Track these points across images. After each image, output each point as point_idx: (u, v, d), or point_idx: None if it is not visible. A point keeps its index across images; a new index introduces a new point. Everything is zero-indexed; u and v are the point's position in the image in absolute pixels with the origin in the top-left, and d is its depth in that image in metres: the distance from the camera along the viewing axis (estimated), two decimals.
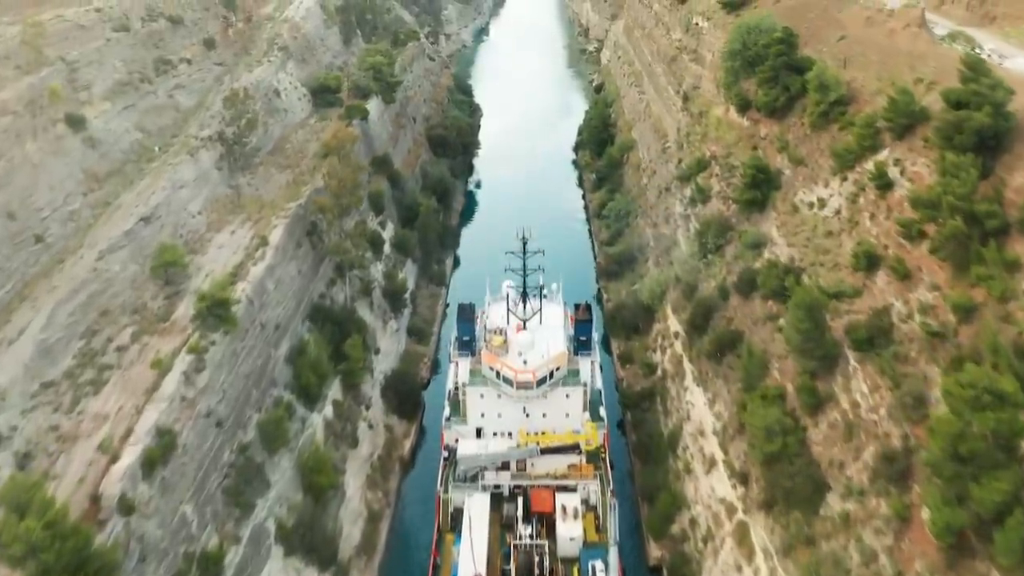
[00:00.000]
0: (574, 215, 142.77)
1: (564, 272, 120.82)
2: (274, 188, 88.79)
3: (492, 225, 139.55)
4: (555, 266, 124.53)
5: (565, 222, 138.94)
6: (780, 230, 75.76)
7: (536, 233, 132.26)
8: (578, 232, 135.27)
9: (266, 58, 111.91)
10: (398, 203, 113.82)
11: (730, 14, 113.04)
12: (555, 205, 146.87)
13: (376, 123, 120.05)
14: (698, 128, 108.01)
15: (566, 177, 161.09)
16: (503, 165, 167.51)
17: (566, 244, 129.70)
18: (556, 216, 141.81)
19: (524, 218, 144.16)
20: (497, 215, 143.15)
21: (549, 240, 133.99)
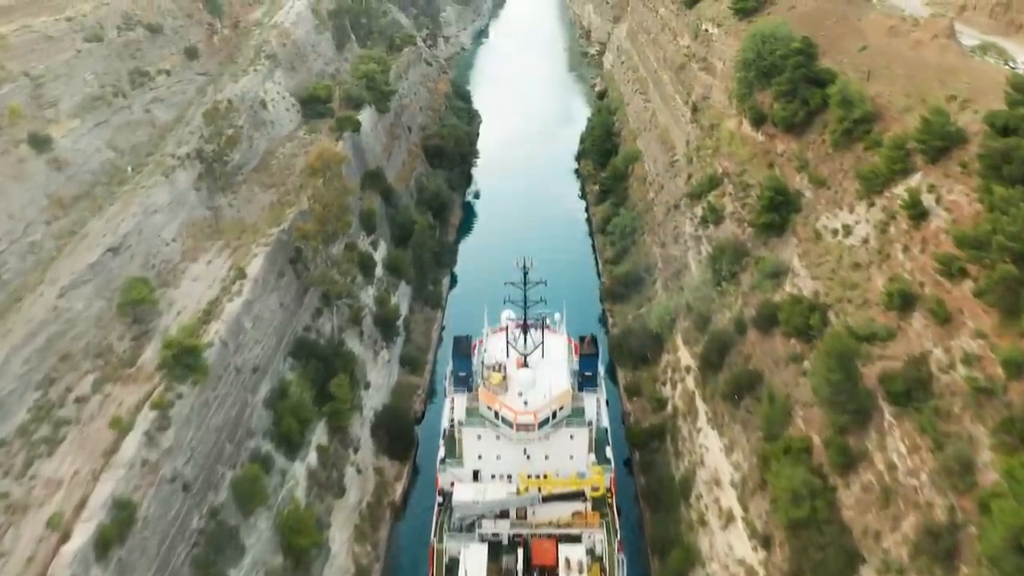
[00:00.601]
0: (576, 229, 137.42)
1: (566, 291, 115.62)
2: (257, 209, 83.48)
3: (491, 239, 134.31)
4: (557, 285, 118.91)
5: (567, 237, 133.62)
6: (802, 259, 70.38)
7: (537, 250, 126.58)
8: (581, 248, 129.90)
9: (252, 67, 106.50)
10: (391, 220, 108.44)
11: (742, 20, 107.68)
12: (556, 218, 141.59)
13: (369, 135, 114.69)
14: (709, 142, 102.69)
15: (568, 188, 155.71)
16: (502, 174, 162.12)
17: (568, 260, 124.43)
18: (557, 230, 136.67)
19: (524, 231, 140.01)
20: (496, 229, 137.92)
21: (550, 256, 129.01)
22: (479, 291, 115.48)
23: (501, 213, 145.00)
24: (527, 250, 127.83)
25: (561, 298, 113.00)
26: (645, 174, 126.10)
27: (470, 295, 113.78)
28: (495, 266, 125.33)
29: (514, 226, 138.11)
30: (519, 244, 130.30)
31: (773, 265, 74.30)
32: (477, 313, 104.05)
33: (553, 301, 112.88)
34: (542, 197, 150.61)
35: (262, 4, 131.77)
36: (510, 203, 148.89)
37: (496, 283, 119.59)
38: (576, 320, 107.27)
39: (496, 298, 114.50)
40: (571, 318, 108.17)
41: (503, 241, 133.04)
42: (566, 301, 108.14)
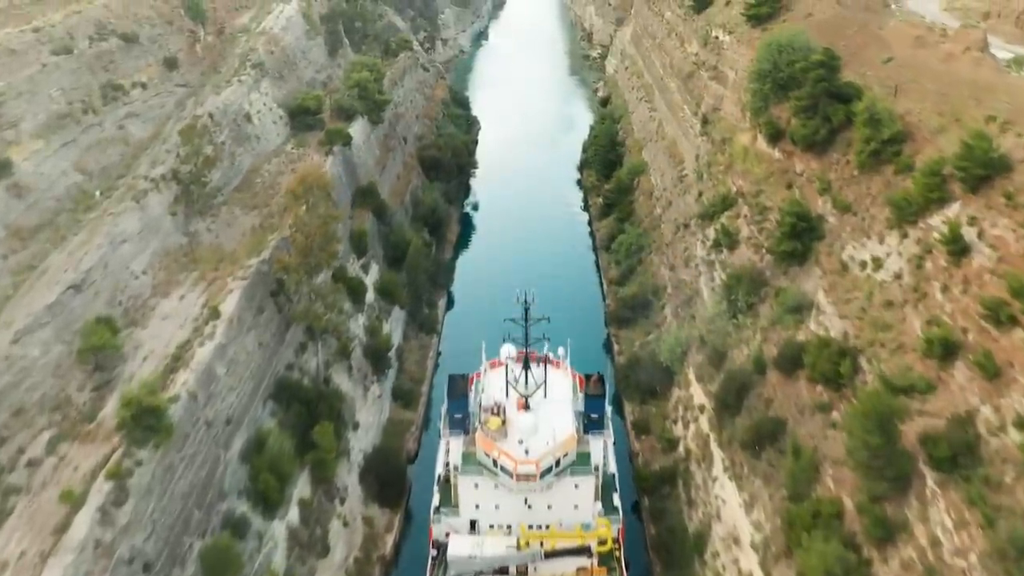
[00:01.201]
0: (579, 244, 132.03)
1: (569, 313, 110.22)
2: (237, 234, 78.17)
3: (490, 254, 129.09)
4: (559, 305, 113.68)
5: (569, 253, 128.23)
6: (828, 295, 65.00)
7: (537, 267, 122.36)
8: (583, 265, 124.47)
9: (236, 77, 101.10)
10: (384, 239, 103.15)
11: (755, 28, 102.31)
12: (558, 232, 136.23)
13: (361, 148, 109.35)
14: (720, 157, 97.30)
15: (570, 199, 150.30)
16: (502, 184, 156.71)
17: (570, 279, 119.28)
18: (559, 245, 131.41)
19: (524, 246, 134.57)
20: (495, 243, 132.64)
21: (552, 273, 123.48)
22: (477, 313, 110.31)
23: (500, 226, 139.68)
24: (527, 267, 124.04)
25: (563, 320, 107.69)
26: (652, 188, 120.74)
27: (468, 318, 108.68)
28: (494, 285, 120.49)
29: (514, 240, 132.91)
30: (519, 260, 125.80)
31: (795, 298, 68.96)
32: (475, 338, 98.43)
33: (555, 323, 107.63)
34: (543, 209, 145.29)
35: (250, 8, 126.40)
36: (510, 215, 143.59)
37: (495, 303, 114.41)
38: (580, 345, 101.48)
39: (494, 321, 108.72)
40: (575, 343, 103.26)
41: (502, 256, 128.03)
42: (569, 329, 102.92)
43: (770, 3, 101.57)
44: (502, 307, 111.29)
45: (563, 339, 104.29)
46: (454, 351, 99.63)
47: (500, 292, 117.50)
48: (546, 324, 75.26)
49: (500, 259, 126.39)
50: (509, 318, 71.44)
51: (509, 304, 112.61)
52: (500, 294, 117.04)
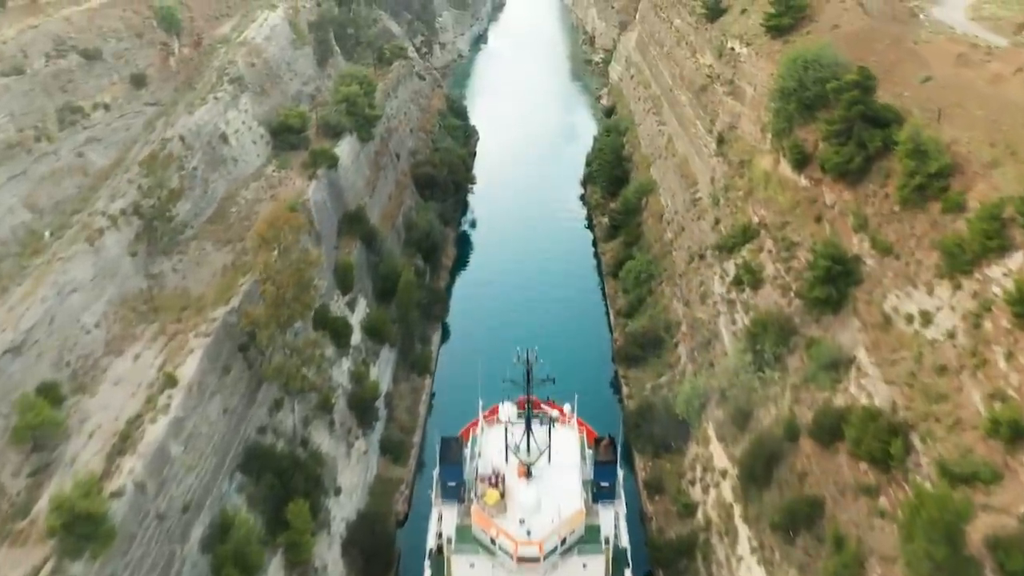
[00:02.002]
0: (583, 266, 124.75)
1: (573, 346, 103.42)
2: (207, 274, 71.05)
3: (488, 277, 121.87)
4: (562, 338, 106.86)
5: (572, 276, 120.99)
6: (871, 353, 57.87)
7: (539, 293, 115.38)
8: (588, 290, 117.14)
9: (213, 94, 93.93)
10: (374, 269, 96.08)
11: (776, 39, 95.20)
12: (560, 253, 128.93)
13: (349, 169, 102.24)
14: (739, 181, 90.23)
15: (573, 217, 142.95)
16: (501, 200, 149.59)
17: (574, 307, 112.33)
18: (561, 268, 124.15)
19: (524, 268, 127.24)
20: (494, 266, 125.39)
21: (554, 299, 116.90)
22: (474, 345, 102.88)
23: (499, 246, 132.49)
24: (527, 293, 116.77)
25: (566, 353, 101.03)
26: (661, 210, 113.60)
27: (464, 352, 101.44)
28: (492, 313, 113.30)
29: (514, 262, 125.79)
30: (518, 286, 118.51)
31: (830, 353, 61.76)
32: (471, 375, 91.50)
33: (558, 357, 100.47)
34: (544, 228, 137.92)
35: (231, 16, 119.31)
36: (509, 234, 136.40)
37: (493, 334, 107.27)
38: (586, 384, 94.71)
39: (492, 354, 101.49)
40: (580, 378, 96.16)
41: (501, 280, 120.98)
42: (574, 366, 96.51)
43: (792, 13, 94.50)
44: (500, 338, 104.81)
45: (567, 375, 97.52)
46: (449, 392, 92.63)
47: (499, 322, 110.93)
48: (550, 356, 68.66)
49: (499, 284, 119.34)
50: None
51: (508, 334, 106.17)
52: (499, 324, 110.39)
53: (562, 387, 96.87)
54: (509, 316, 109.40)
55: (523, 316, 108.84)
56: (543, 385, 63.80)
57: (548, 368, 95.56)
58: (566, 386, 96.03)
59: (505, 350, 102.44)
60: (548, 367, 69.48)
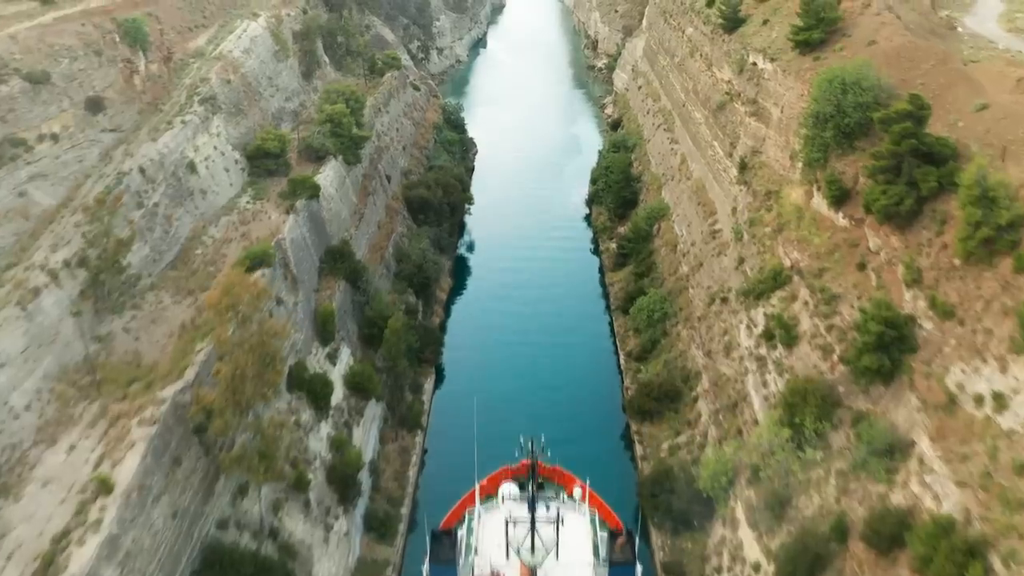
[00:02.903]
0: (589, 297, 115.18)
1: (579, 392, 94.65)
2: (163, 333, 61.86)
3: (487, 310, 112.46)
4: (567, 382, 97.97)
5: (577, 306, 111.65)
6: (935, 443, 48.63)
7: (541, 326, 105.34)
8: (596, 326, 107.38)
9: (180, 117, 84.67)
10: (359, 311, 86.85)
11: (805, 55, 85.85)
12: (565, 281, 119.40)
13: (333, 198, 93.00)
14: (766, 215, 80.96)
15: (578, 241, 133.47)
16: (501, 220, 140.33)
17: (580, 345, 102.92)
18: (565, 296, 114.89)
19: (524, 295, 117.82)
20: (493, 295, 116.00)
21: (558, 331, 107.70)
22: (471, 388, 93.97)
23: (499, 273, 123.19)
24: (528, 326, 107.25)
25: (572, 401, 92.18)
26: (675, 239, 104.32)
27: (460, 398, 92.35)
28: (491, 350, 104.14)
29: (514, 290, 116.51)
30: (519, 318, 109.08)
31: (884, 436, 52.45)
32: (468, 426, 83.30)
33: (564, 406, 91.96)
34: (547, 252, 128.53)
35: (207, 27, 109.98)
36: (510, 259, 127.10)
37: (491, 374, 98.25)
38: (594, 435, 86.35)
39: (490, 400, 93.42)
40: (589, 437, 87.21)
41: (501, 309, 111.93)
42: (581, 414, 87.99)
43: (823, 26, 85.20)
44: (499, 382, 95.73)
45: (574, 426, 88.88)
46: (444, 448, 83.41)
47: (498, 362, 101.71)
48: (554, 402, 59.81)
49: (498, 317, 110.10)
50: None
51: (507, 378, 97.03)
52: (498, 365, 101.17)
53: (569, 439, 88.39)
54: (509, 355, 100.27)
55: (524, 356, 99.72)
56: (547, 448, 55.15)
57: (553, 424, 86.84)
58: (573, 438, 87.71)
59: (504, 398, 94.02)
60: (555, 432, 60.54)
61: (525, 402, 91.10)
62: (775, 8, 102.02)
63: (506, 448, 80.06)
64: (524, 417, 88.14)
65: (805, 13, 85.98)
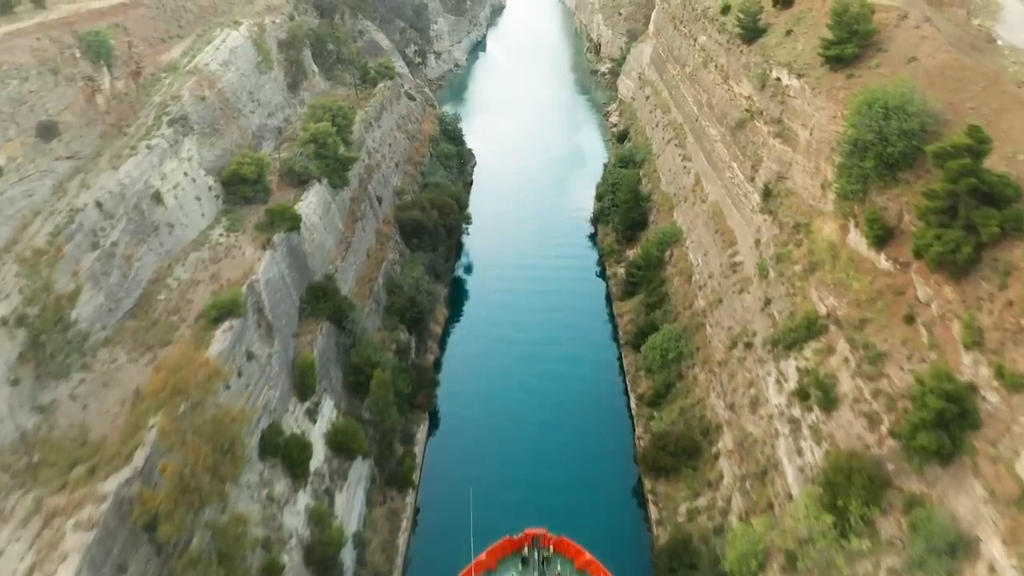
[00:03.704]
0: (596, 328, 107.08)
1: (586, 438, 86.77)
2: (115, 401, 54.36)
3: (485, 340, 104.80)
4: (571, 424, 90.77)
5: (584, 341, 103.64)
6: (1009, 546, 41.28)
7: (544, 377, 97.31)
8: (603, 361, 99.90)
9: (146, 140, 77.14)
10: (345, 353, 79.36)
11: (836, 71, 78.25)
12: (569, 309, 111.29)
13: (316, 227, 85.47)
14: (795, 251, 73.44)
15: (583, 262, 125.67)
16: (501, 239, 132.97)
17: (587, 385, 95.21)
18: (570, 326, 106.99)
19: (525, 322, 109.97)
20: (492, 327, 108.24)
21: (562, 374, 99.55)
22: (467, 433, 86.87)
23: (498, 298, 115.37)
24: (530, 362, 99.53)
25: (576, 453, 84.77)
26: (690, 268, 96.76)
27: (456, 446, 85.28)
28: (489, 389, 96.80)
29: (514, 319, 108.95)
30: (520, 352, 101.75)
31: (944, 529, 44.81)
32: (465, 482, 76.09)
33: (567, 457, 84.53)
34: (550, 274, 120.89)
35: (183, 38, 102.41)
36: (510, 284, 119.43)
37: (490, 423, 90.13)
38: (602, 496, 78.99)
39: (489, 447, 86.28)
40: (597, 493, 79.83)
41: (500, 341, 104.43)
42: (591, 482, 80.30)
43: (856, 40, 77.62)
44: (498, 428, 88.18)
45: (579, 479, 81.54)
46: (438, 508, 75.93)
47: (497, 402, 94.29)
48: (558, 449, 52.67)
49: (498, 348, 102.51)
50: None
51: (507, 424, 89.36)
52: (497, 405, 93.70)
53: (575, 491, 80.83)
54: (509, 395, 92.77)
55: (526, 396, 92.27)
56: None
57: (558, 474, 79.24)
58: (580, 491, 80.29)
59: (503, 443, 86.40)
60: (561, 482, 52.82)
61: (527, 450, 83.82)
62: (798, 17, 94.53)
63: (506, 510, 73.13)
64: (525, 469, 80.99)
65: (836, 25, 78.36)
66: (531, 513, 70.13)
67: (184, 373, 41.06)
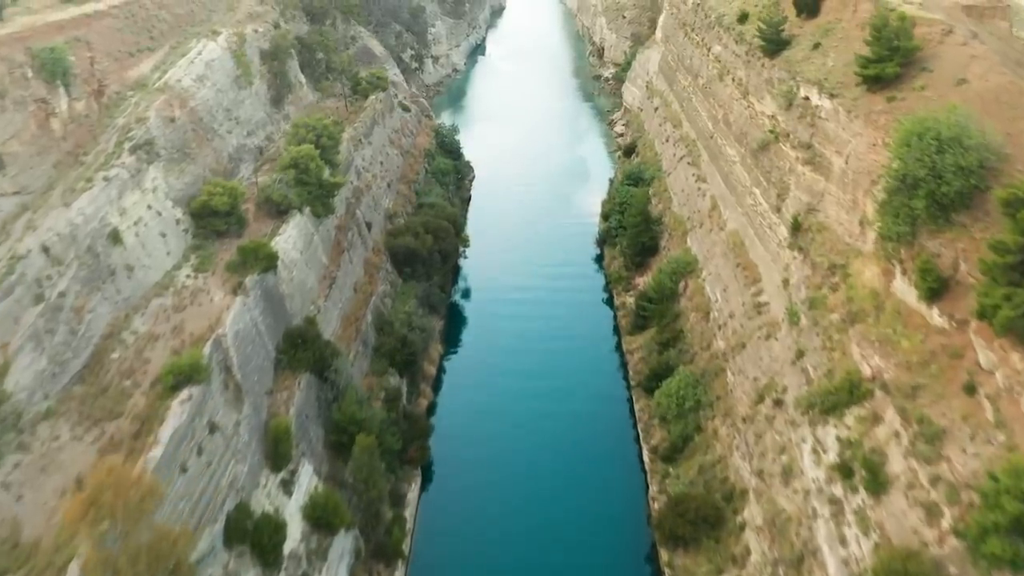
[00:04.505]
0: (604, 364, 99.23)
1: (595, 498, 79.50)
2: (53, 491, 46.98)
3: (484, 379, 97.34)
4: (578, 481, 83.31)
5: (591, 381, 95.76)
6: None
7: (548, 424, 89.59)
8: (612, 403, 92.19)
9: (104, 171, 69.73)
10: (328, 408, 72.02)
11: (875, 94, 70.86)
12: (574, 341, 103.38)
13: (296, 263, 78.06)
14: (831, 297, 66.00)
15: (588, 286, 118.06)
16: (501, 260, 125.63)
17: (594, 433, 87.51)
18: (576, 364, 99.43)
19: (528, 365, 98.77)
20: (491, 360, 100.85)
21: (567, 417, 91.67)
22: (463, 492, 79.49)
23: (498, 326, 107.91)
24: (531, 406, 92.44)
25: (583, 514, 77.40)
26: (707, 303, 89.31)
27: (451, 508, 77.94)
28: (488, 431, 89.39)
29: (514, 350, 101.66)
30: (521, 391, 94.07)
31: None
32: (458, 548, 69.23)
33: (572, 520, 77.25)
34: (552, 299, 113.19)
35: (155, 50, 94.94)
36: (510, 305, 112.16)
37: (489, 480, 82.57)
38: (614, 569, 71.68)
39: (489, 509, 79.04)
40: (607, 559, 72.60)
41: (500, 374, 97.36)
42: (600, 550, 73.08)
43: (897, 58, 70.18)
44: (498, 487, 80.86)
45: (588, 546, 74.49)
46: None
47: (496, 447, 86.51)
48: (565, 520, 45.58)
49: (497, 386, 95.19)
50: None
51: (507, 481, 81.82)
52: (496, 451, 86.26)
53: (582, 559, 73.43)
54: (509, 442, 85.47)
55: (528, 442, 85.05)
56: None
57: (563, 538, 71.97)
58: (588, 557, 73.01)
59: (503, 501, 78.96)
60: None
61: (529, 507, 76.52)
62: (826, 29, 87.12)
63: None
64: (528, 530, 73.67)
65: (876, 41, 70.96)
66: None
67: (110, 496, 33.77)
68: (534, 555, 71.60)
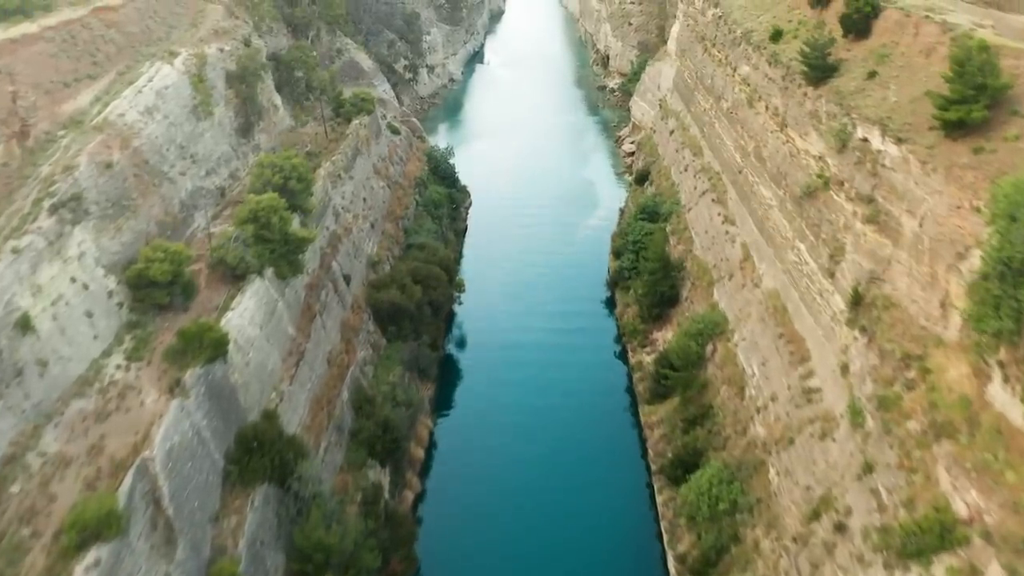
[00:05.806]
0: (617, 441, 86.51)
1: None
2: None
3: (480, 460, 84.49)
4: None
5: (603, 462, 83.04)
6: None
7: (554, 526, 76.33)
8: (629, 492, 79.67)
9: (13, 242, 57.58)
10: (288, 525, 59.91)
11: (957, 141, 58.63)
12: (583, 411, 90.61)
13: (254, 344, 65.76)
14: (906, 397, 53.76)
15: (599, 338, 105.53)
16: (500, 302, 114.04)
17: (609, 532, 75.43)
18: (586, 439, 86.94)
19: (532, 445, 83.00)
20: (489, 434, 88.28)
21: (576, 510, 78.02)
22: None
23: (496, 387, 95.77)
24: (535, 499, 78.82)
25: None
26: (740, 374, 77.10)
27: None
28: (485, 528, 77.30)
29: (516, 423, 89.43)
30: (523, 480, 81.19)
31: None
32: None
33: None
34: (558, 355, 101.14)
35: (97, 78, 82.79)
36: (510, 363, 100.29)
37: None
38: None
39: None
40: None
41: (499, 452, 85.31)
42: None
43: (984, 99, 57.97)
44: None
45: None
46: None
47: (494, 555, 75.29)
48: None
49: (493, 462, 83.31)
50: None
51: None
52: (493, 556, 74.79)
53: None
54: (509, 544, 73.51)
55: (530, 550, 72.91)
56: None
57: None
58: None
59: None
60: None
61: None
62: (881, 54, 74.68)
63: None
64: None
65: (958, 77, 58.76)
66: None
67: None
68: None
